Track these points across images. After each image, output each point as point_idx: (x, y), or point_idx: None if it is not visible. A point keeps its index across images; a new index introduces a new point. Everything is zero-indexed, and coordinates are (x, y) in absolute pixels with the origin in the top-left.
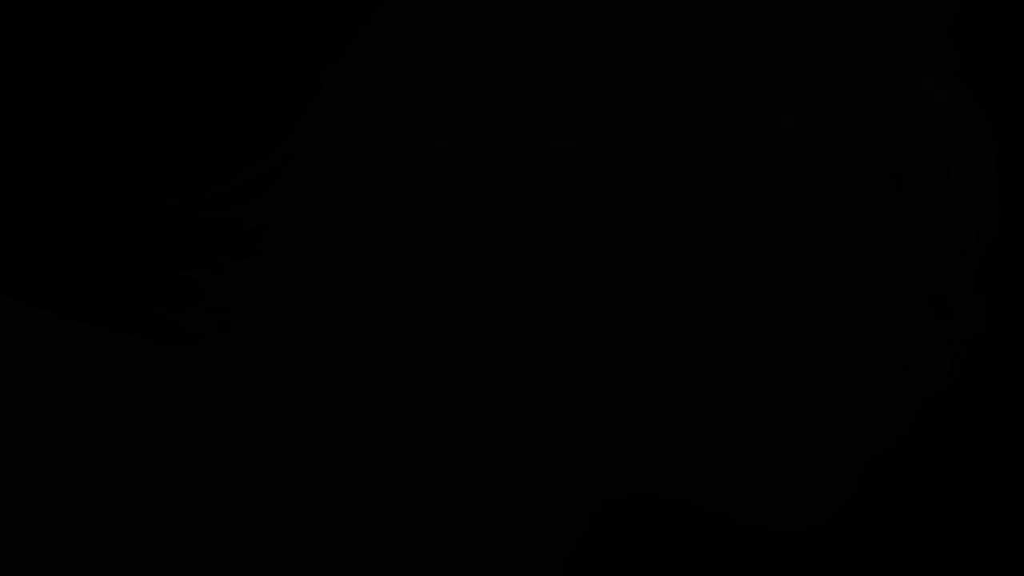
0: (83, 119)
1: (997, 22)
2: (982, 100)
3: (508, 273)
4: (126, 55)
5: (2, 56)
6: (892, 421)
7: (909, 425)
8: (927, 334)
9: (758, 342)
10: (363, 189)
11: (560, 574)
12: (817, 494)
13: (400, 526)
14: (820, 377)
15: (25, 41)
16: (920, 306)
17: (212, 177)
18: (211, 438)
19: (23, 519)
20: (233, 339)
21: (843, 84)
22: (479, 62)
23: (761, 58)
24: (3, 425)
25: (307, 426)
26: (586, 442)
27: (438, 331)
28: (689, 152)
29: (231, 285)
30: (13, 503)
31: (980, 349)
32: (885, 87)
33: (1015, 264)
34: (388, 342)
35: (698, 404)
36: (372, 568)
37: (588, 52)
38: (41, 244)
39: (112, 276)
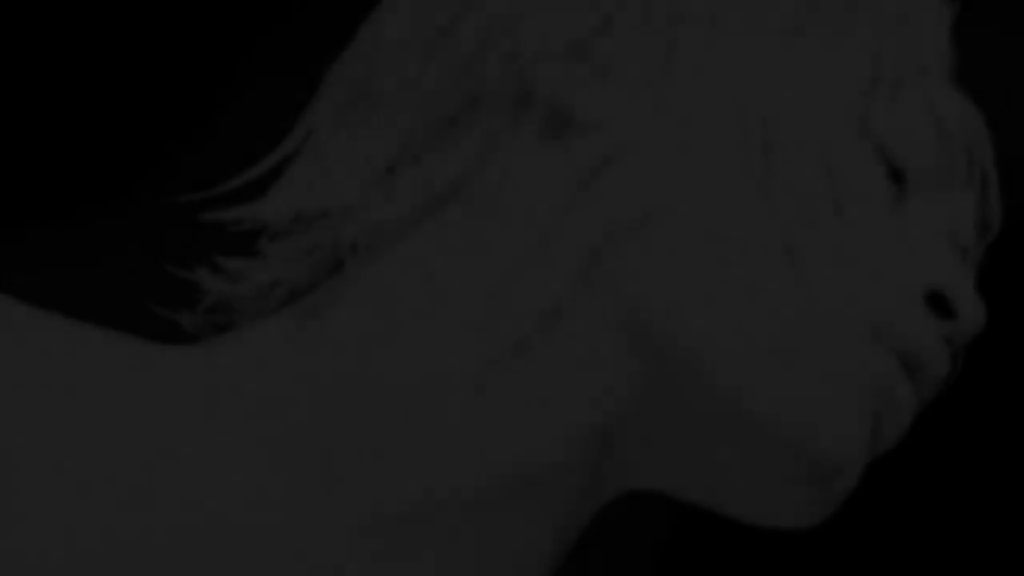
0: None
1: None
2: (982, 100)
3: (508, 271)
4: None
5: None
6: (892, 420)
7: (909, 425)
8: (927, 333)
9: (758, 340)
10: (363, 189)
11: (561, 573)
12: (817, 494)
13: (401, 525)
14: (820, 376)
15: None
16: (919, 305)
17: (212, 177)
18: (211, 438)
19: (22, 519)
20: (233, 339)
21: (843, 84)
22: (479, 62)
23: (761, 57)
24: (3, 425)
25: (307, 426)
26: (587, 442)
27: (438, 330)
28: (689, 151)
29: (231, 285)
30: (13, 503)
31: (980, 349)
32: (885, 87)
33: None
34: (388, 341)
35: (698, 403)
36: (373, 567)
37: (587, 51)
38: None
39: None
